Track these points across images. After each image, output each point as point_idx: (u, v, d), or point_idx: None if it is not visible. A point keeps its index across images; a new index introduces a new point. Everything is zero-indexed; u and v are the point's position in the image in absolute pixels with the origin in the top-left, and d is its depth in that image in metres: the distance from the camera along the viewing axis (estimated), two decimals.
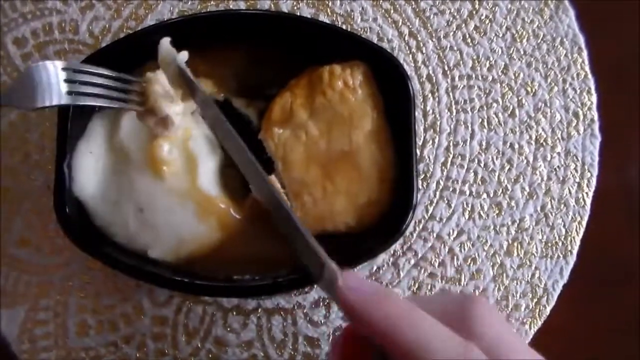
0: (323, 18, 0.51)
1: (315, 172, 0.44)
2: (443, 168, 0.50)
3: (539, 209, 0.50)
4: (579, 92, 0.51)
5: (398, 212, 0.43)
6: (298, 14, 0.51)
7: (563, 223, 0.50)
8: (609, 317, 0.51)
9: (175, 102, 0.43)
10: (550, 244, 0.49)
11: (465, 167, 0.50)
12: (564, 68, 0.52)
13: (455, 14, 0.52)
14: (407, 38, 0.51)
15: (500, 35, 0.52)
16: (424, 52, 0.51)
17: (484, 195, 0.50)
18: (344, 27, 0.51)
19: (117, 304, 0.48)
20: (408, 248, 0.49)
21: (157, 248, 0.43)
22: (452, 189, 0.50)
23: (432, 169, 0.50)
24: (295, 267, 0.42)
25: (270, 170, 0.44)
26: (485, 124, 0.51)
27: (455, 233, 0.49)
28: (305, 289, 0.48)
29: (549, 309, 0.49)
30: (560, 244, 0.49)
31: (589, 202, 0.50)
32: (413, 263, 0.49)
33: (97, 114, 0.45)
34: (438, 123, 0.50)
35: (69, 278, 0.48)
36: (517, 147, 0.50)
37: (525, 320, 0.48)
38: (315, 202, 0.44)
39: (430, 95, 0.51)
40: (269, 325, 0.48)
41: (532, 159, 0.50)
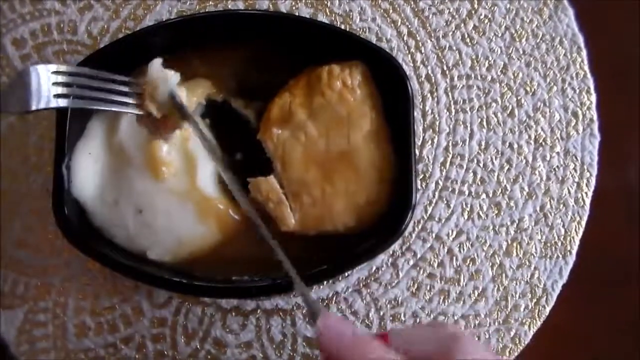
0: (322, 18, 0.51)
1: (314, 172, 0.44)
2: (442, 168, 0.50)
3: (538, 209, 0.50)
4: (578, 91, 0.51)
5: (397, 212, 0.43)
6: (297, 14, 0.51)
7: (562, 223, 0.49)
8: (609, 317, 0.51)
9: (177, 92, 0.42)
10: (550, 244, 0.49)
11: (465, 167, 0.50)
12: (563, 68, 0.51)
13: (454, 14, 0.52)
14: (406, 38, 0.51)
15: (499, 35, 0.52)
16: (423, 52, 0.51)
17: (483, 196, 0.50)
18: (343, 27, 0.51)
19: (116, 305, 0.48)
20: (407, 248, 0.49)
21: (156, 249, 0.43)
22: (451, 189, 0.49)
23: (431, 169, 0.50)
24: (294, 268, 0.42)
25: (269, 171, 0.44)
26: (485, 124, 0.50)
27: (455, 233, 0.49)
28: None
29: (549, 309, 0.49)
30: (560, 244, 0.49)
31: (588, 202, 0.50)
32: (412, 263, 0.49)
33: (95, 115, 0.44)
34: (437, 123, 0.50)
35: (68, 279, 0.48)
36: (516, 147, 0.50)
37: (525, 321, 0.48)
38: (314, 202, 0.44)
39: (429, 95, 0.51)
40: (268, 326, 0.48)
41: (531, 159, 0.50)
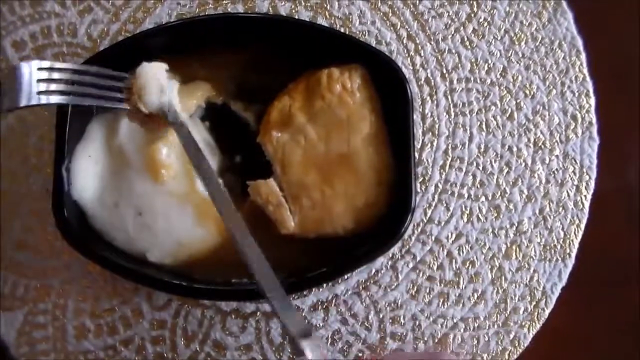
0: (321, 21, 0.51)
1: (314, 175, 0.44)
2: (441, 171, 0.50)
3: (538, 212, 0.50)
4: (578, 94, 0.51)
5: (396, 215, 0.43)
6: (296, 17, 0.51)
7: (561, 226, 0.50)
8: (608, 319, 0.51)
9: (167, 96, 0.42)
10: (549, 247, 0.49)
11: (464, 170, 0.50)
12: (563, 71, 0.52)
13: (454, 17, 0.52)
14: (405, 41, 0.51)
15: (499, 38, 0.52)
16: (422, 55, 0.51)
17: (483, 199, 0.50)
18: (342, 30, 0.51)
19: (115, 308, 0.48)
20: (407, 251, 0.49)
21: (155, 251, 0.43)
22: (450, 192, 0.50)
23: (430, 172, 0.50)
24: (294, 270, 0.42)
25: (269, 174, 0.44)
26: (484, 127, 0.51)
27: (454, 236, 0.49)
28: (304, 293, 0.48)
29: (548, 312, 0.49)
30: (559, 247, 0.49)
31: (588, 204, 0.50)
32: (412, 266, 0.49)
33: (95, 118, 0.44)
34: (436, 126, 0.50)
35: (68, 281, 0.48)
36: (515, 150, 0.50)
37: (524, 323, 0.48)
38: (314, 205, 0.44)
39: (429, 98, 0.51)
40: (268, 329, 0.48)
41: (530, 162, 0.50)
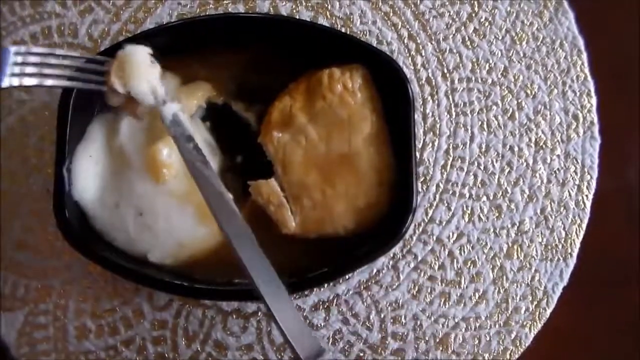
0: (322, 21, 0.51)
1: (315, 175, 0.44)
2: (443, 171, 0.50)
3: (539, 212, 0.50)
4: (579, 94, 0.51)
5: (398, 215, 0.43)
6: (297, 17, 0.51)
7: (563, 225, 0.49)
8: (609, 319, 0.51)
9: (145, 81, 0.42)
10: (550, 247, 0.49)
11: (465, 169, 0.50)
12: (564, 70, 0.52)
13: (455, 17, 0.52)
14: (406, 41, 0.51)
15: (500, 38, 0.52)
16: (424, 54, 0.51)
17: (484, 198, 0.50)
18: (343, 30, 0.51)
19: (116, 308, 0.48)
20: (408, 251, 0.49)
21: (156, 251, 0.43)
22: (451, 192, 0.50)
23: (431, 172, 0.50)
24: (295, 271, 0.42)
25: (270, 174, 0.44)
26: (485, 127, 0.51)
27: (455, 236, 0.49)
28: (305, 292, 0.48)
29: (549, 312, 0.49)
30: (560, 247, 0.49)
31: (589, 204, 0.50)
32: (413, 266, 0.49)
33: (96, 118, 0.45)
34: (437, 126, 0.50)
35: (69, 282, 0.48)
36: (516, 149, 0.50)
37: (526, 323, 0.48)
38: (315, 205, 0.44)
39: (430, 98, 0.51)
40: (269, 329, 0.48)
41: (531, 162, 0.50)
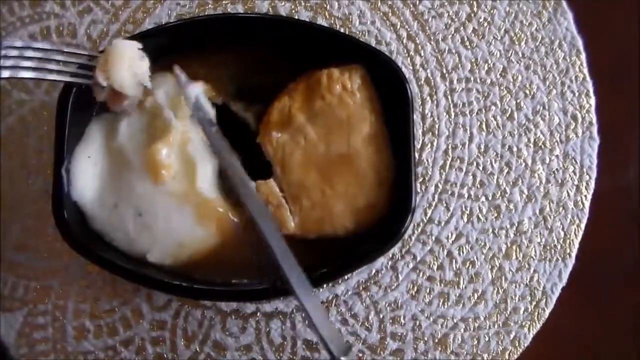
0: (321, 21, 0.51)
1: (314, 175, 0.44)
2: (442, 171, 0.50)
3: (538, 212, 0.50)
4: (578, 94, 0.51)
5: (397, 215, 0.43)
6: (296, 18, 0.51)
7: (562, 226, 0.50)
8: (608, 319, 0.51)
9: (127, 73, 0.41)
10: (549, 247, 0.49)
11: (464, 170, 0.50)
12: (563, 71, 0.52)
13: (454, 17, 0.52)
14: (405, 41, 0.51)
15: (499, 38, 0.52)
16: (422, 55, 0.51)
17: (483, 199, 0.50)
18: (342, 30, 0.51)
19: (115, 308, 0.48)
20: (407, 251, 0.49)
21: (156, 252, 0.43)
22: (450, 192, 0.50)
23: (430, 172, 0.50)
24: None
25: (269, 174, 0.44)
26: (484, 127, 0.51)
27: (454, 236, 0.49)
28: None
29: (548, 312, 0.49)
30: (559, 247, 0.49)
31: (588, 204, 0.50)
32: (412, 266, 0.49)
33: (95, 119, 0.44)
34: (436, 126, 0.50)
35: (68, 282, 0.48)
36: (515, 150, 0.50)
37: (524, 324, 0.48)
38: (314, 205, 0.44)
39: (429, 98, 0.51)
40: (268, 329, 0.48)
41: (530, 162, 0.50)
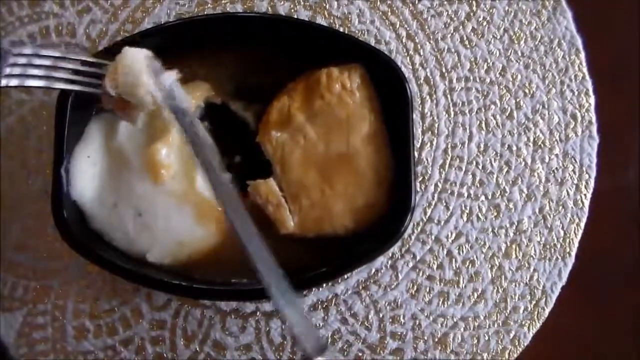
0: (320, 20, 0.51)
1: (313, 175, 0.44)
2: (441, 170, 0.50)
3: (537, 211, 0.50)
4: (577, 93, 0.51)
5: (396, 214, 0.43)
6: (295, 17, 0.51)
7: (561, 225, 0.50)
8: (608, 318, 0.51)
9: (141, 86, 0.40)
10: (549, 246, 0.49)
11: (464, 169, 0.50)
12: (562, 70, 0.52)
13: (453, 16, 0.52)
14: (404, 40, 0.51)
15: (498, 37, 0.52)
16: (422, 54, 0.51)
17: (482, 198, 0.50)
18: (342, 29, 0.51)
19: (115, 308, 0.48)
20: (406, 250, 0.49)
21: (155, 252, 0.43)
22: (450, 191, 0.50)
23: (430, 172, 0.50)
24: (294, 270, 0.42)
25: (269, 174, 0.44)
26: (483, 126, 0.51)
27: (454, 235, 0.49)
28: (304, 292, 0.48)
29: (548, 311, 0.49)
30: (559, 246, 0.49)
31: (587, 204, 0.50)
32: (411, 266, 0.49)
33: (94, 119, 0.44)
34: (436, 125, 0.50)
35: (67, 282, 0.48)
36: (515, 149, 0.50)
37: (524, 323, 0.48)
38: (313, 205, 0.44)
39: (428, 98, 0.51)
40: (268, 329, 0.48)
41: (530, 161, 0.50)
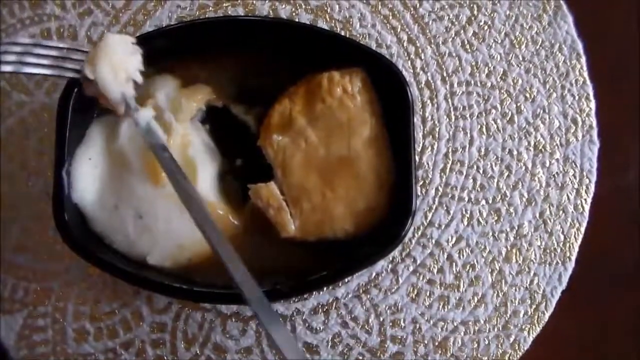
0: (322, 24, 0.51)
1: (314, 178, 0.44)
2: (442, 174, 0.50)
3: (538, 216, 0.50)
4: (578, 98, 0.51)
5: (397, 218, 0.43)
6: (297, 20, 0.51)
7: (562, 229, 0.50)
8: (608, 323, 0.51)
9: (112, 68, 0.41)
10: (549, 251, 0.49)
11: (464, 173, 0.50)
12: (563, 74, 0.52)
13: (454, 20, 0.52)
14: (405, 44, 0.51)
15: (499, 42, 0.52)
16: (423, 58, 0.51)
17: (483, 202, 0.50)
18: (343, 33, 0.51)
19: (115, 311, 0.48)
20: (407, 254, 0.49)
21: (156, 254, 0.43)
22: (451, 196, 0.50)
23: (431, 176, 0.50)
24: (294, 274, 0.42)
25: (270, 177, 0.44)
26: (484, 131, 0.51)
27: (454, 239, 0.49)
28: (304, 296, 0.48)
29: (548, 315, 0.49)
30: (559, 251, 0.49)
31: (588, 208, 0.50)
32: (412, 270, 0.49)
33: (96, 121, 0.44)
34: (437, 129, 0.50)
35: (68, 284, 0.48)
36: (515, 153, 0.50)
37: (524, 327, 0.48)
38: (314, 208, 0.44)
39: (429, 102, 0.51)
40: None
41: (530, 166, 0.50)
